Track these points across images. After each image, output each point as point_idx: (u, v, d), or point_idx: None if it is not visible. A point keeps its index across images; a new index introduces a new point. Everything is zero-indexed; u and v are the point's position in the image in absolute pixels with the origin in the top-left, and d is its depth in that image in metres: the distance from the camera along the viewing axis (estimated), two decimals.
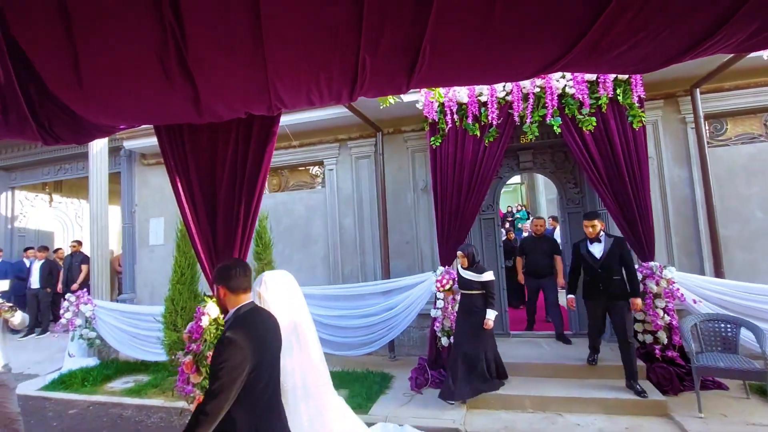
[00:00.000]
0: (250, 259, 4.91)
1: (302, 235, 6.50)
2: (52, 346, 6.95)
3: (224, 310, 2.00)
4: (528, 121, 4.72)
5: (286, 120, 5.74)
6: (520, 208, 13.00)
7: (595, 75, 4.44)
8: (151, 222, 7.25)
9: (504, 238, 6.98)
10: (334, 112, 5.70)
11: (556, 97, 4.60)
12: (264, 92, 2.17)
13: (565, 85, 4.56)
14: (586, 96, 4.48)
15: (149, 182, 7.36)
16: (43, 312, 7.90)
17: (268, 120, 3.15)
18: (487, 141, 4.84)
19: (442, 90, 4.83)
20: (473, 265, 4.29)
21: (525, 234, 8.52)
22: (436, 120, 5.03)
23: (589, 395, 3.96)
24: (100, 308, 6.00)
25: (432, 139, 5.07)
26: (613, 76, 4.46)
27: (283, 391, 2.30)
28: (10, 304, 3.30)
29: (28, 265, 8.12)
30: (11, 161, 8.39)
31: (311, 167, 6.78)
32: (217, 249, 3.31)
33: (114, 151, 7.27)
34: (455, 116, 4.93)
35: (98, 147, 6.61)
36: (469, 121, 4.89)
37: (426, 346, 5.22)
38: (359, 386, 4.67)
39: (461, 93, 4.90)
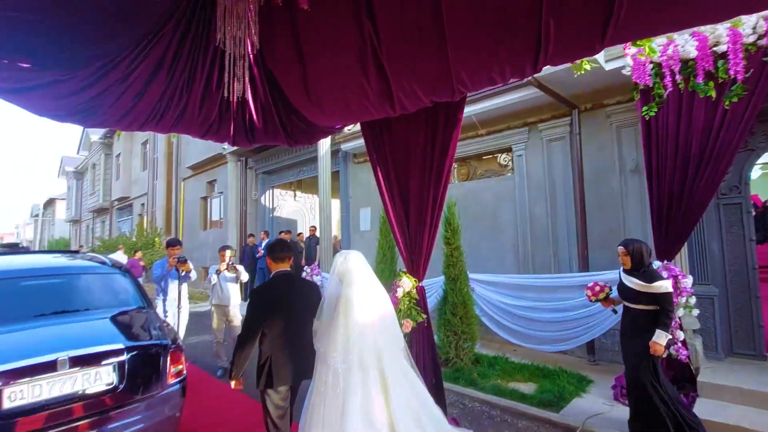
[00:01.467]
0: (439, 243, 5.24)
1: (490, 223, 6.49)
2: None
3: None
4: None
5: (473, 109, 5.83)
6: None
7: None
8: (361, 211, 8.54)
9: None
10: (523, 94, 5.45)
11: None
12: (447, 78, 2.32)
13: None
14: None
15: (359, 178, 8.68)
16: None
17: (452, 107, 3.30)
18: (727, 102, 3.76)
19: (659, 48, 4.01)
20: (641, 269, 3.14)
21: None
22: (650, 85, 4.20)
23: None
24: (327, 279, 7.47)
25: (644, 109, 4.26)
26: None
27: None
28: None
29: None
30: (271, 167, 11.26)
31: (499, 155, 6.67)
32: (410, 232, 3.66)
33: (334, 153, 8.87)
34: (677, 77, 4.01)
35: (323, 150, 8.19)
36: (699, 80, 3.89)
37: None
38: (550, 383, 4.40)
39: (687, 47, 3.95)
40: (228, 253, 5.24)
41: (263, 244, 9.74)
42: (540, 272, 5.72)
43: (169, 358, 3.04)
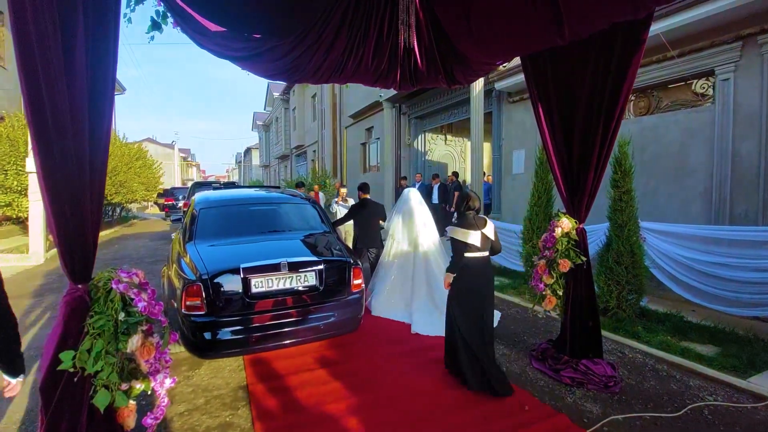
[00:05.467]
0: (606, 186, 4.80)
1: (674, 164, 5.55)
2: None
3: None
4: None
5: (661, 26, 4.86)
6: None
7: None
8: (514, 154, 8.23)
9: None
10: None
11: None
12: None
13: None
14: None
15: (513, 118, 8.27)
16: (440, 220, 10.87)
17: (635, 27, 2.89)
18: None
19: None
20: None
21: None
22: None
23: None
24: None
25: None
26: None
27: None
28: None
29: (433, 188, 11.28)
30: (423, 112, 11.57)
31: (695, 81, 5.47)
32: (573, 172, 3.48)
33: (487, 93, 8.58)
34: None
35: (476, 90, 8.02)
36: None
37: None
38: (738, 349, 3.82)
39: None
40: (343, 190, 7.94)
41: (417, 186, 10.37)
42: (738, 224, 4.75)
43: (352, 273, 3.76)
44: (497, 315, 4.77)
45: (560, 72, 3.44)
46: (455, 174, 10.55)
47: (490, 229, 3.29)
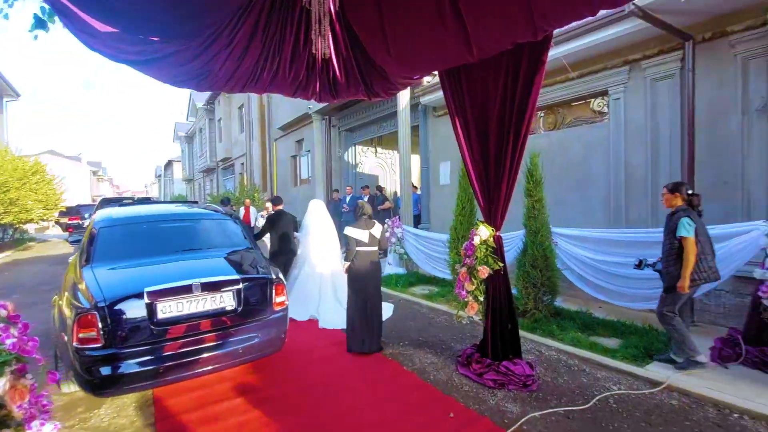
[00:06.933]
0: (521, 195, 5.13)
1: (579, 175, 6.11)
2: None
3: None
4: None
5: (561, 50, 5.37)
6: None
7: None
8: (441, 165, 8.54)
9: None
10: (624, 27, 4.85)
11: None
12: (526, 11, 2.23)
13: None
14: None
15: (439, 131, 8.61)
16: None
17: (536, 49, 3.14)
18: None
19: None
20: None
21: None
22: None
23: None
24: (407, 232, 7.77)
25: None
26: None
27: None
28: None
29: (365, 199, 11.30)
30: (352, 124, 11.63)
31: (592, 100, 6.11)
32: (489, 182, 3.66)
33: (414, 107, 8.85)
34: None
35: (403, 104, 8.23)
36: None
37: (743, 317, 4.06)
38: (637, 339, 4.23)
39: None
40: (268, 204, 7.56)
41: (348, 199, 10.31)
42: (634, 227, 5.32)
43: (274, 290, 3.57)
44: (389, 307, 5.80)
45: (475, 88, 3.63)
46: (379, 188, 10.77)
47: (377, 230, 4.37)
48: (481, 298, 3.66)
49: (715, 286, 4.23)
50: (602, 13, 5.16)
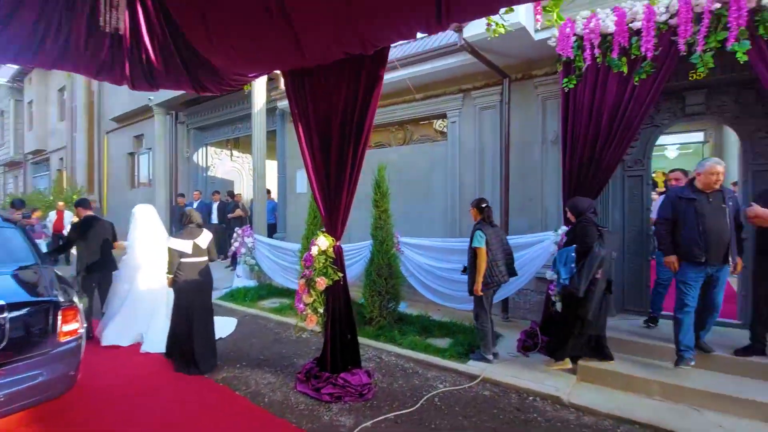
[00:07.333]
0: (369, 206, 5.26)
1: (423, 189, 6.60)
2: (227, 268, 8.82)
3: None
4: (699, 49, 3.69)
5: (407, 72, 5.76)
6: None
7: None
8: (297, 173, 8.32)
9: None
10: (456, 59, 5.46)
11: (745, 13, 3.47)
12: (350, 26, 2.23)
13: None
14: None
15: (296, 138, 8.37)
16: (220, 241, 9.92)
17: (375, 64, 3.22)
18: (636, 79, 4.00)
19: (582, 20, 4.15)
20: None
21: None
22: (572, 57, 4.36)
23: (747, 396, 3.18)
24: (259, 241, 7.30)
25: (565, 80, 4.43)
26: None
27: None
28: None
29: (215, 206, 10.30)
30: (204, 122, 10.56)
31: (435, 121, 6.71)
32: (330, 191, 3.61)
33: (271, 111, 8.45)
34: (596, 51, 4.19)
35: (258, 107, 7.78)
36: (614, 55, 4.09)
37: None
38: (463, 337, 4.69)
39: (607, 21, 4.11)
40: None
41: (195, 205, 9.26)
42: (466, 237, 5.95)
43: (60, 316, 2.85)
44: (230, 323, 5.48)
45: (318, 94, 3.56)
46: (231, 194, 9.95)
47: (203, 239, 4.13)
48: (321, 310, 3.56)
49: (521, 287, 5.00)
50: (440, 43, 5.74)
